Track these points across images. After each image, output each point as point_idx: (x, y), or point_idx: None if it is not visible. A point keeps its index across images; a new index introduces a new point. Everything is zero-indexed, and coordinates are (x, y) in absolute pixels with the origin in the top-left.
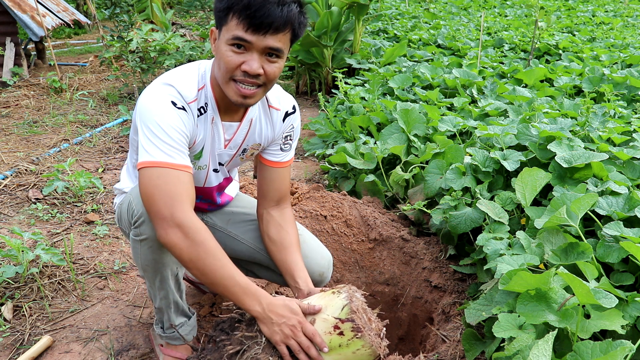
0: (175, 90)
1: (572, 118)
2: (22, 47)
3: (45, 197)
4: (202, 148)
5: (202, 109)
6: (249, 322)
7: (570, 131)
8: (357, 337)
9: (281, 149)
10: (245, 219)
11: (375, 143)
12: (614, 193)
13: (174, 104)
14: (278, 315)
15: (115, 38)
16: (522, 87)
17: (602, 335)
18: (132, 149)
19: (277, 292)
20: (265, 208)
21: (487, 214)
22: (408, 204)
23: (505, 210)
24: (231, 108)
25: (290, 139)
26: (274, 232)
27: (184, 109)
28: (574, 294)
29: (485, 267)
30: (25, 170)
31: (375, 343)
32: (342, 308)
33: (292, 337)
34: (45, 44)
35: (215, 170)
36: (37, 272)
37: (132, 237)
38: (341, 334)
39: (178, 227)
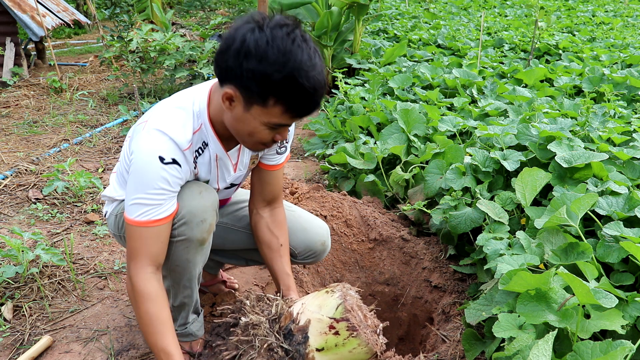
0: (166, 139)
1: (572, 118)
2: (22, 47)
3: (45, 197)
4: (208, 181)
5: (199, 150)
6: (245, 327)
7: (570, 131)
8: (352, 336)
9: (277, 152)
10: (236, 208)
11: (375, 143)
12: (614, 193)
13: (162, 159)
14: None
15: (115, 38)
16: (522, 87)
17: (602, 335)
18: (124, 165)
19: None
20: (257, 207)
21: (487, 214)
22: (408, 204)
23: (505, 210)
24: (232, 137)
25: (286, 142)
26: (263, 235)
27: (174, 161)
28: (574, 294)
29: (485, 267)
30: (25, 170)
31: (371, 341)
32: (336, 307)
33: None
34: (45, 44)
35: (227, 188)
36: (37, 272)
37: None
38: (337, 333)
39: (131, 283)
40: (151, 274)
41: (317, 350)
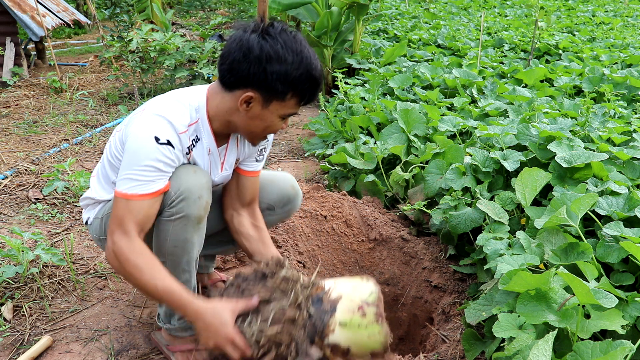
0: (164, 121)
1: (572, 118)
2: (22, 47)
3: (45, 197)
4: None
5: (193, 141)
6: (284, 278)
7: (570, 131)
8: (377, 322)
9: (256, 159)
10: None
11: (375, 143)
12: (614, 193)
13: (157, 139)
14: (209, 330)
15: (115, 38)
16: (522, 87)
17: (602, 335)
18: (112, 166)
19: None
20: (236, 209)
21: (487, 214)
22: (408, 204)
23: (505, 210)
24: (224, 135)
25: (265, 151)
26: (247, 230)
27: (168, 143)
28: (574, 294)
29: (485, 267)
30: (25, 170)
31: (387, 334)
32: (370, 293)
33: (225, 346)
34: (45, 44)
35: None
36: (37, 272)
37: (161, 220)
38: (363, 315)
39: (113, 249)
40: (134, 237)
41: (340, 324)
